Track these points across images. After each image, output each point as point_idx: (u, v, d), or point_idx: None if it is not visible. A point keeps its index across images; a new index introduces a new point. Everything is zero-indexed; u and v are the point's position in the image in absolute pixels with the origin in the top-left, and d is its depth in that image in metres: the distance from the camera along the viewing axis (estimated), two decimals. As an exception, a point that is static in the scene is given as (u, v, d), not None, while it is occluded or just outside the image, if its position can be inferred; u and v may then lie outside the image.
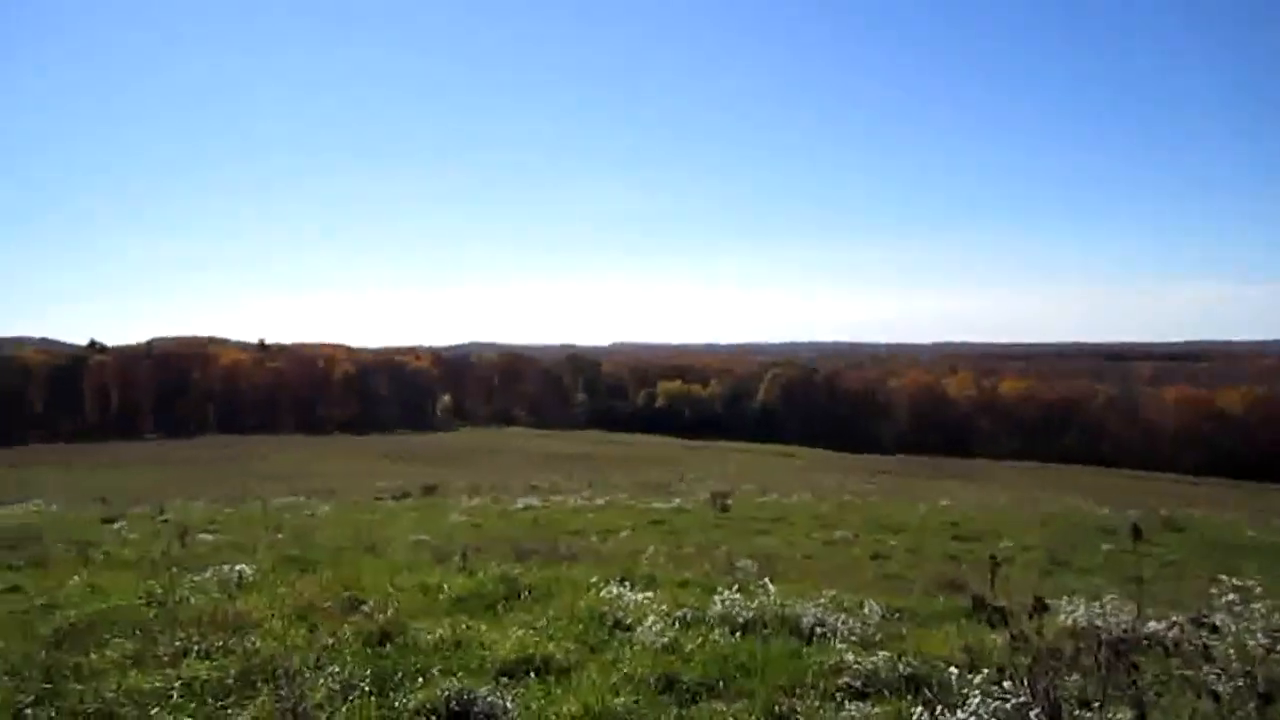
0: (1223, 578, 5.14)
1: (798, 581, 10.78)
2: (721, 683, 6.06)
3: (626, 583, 9.09)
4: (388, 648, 6.76)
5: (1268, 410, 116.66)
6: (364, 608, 7.84)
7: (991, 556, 7.39)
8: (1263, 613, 4.67)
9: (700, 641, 6.91)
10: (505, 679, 6.08)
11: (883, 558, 17.97)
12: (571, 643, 6.92)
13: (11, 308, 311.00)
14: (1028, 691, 4.37)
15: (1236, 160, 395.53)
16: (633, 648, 6.82)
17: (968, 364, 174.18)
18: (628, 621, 7.58)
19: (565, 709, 5.53)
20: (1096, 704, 4.45)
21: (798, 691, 5.87)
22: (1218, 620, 5.09)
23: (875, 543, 20.15)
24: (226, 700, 5.65)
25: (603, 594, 8.45)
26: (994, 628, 7.08)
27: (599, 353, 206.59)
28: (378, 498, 34.75)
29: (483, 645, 6.81)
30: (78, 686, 5.83)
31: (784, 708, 5.63)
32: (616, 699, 5.70)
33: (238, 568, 9.78)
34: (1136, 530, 9.36)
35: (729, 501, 28.60)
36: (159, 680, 5.90)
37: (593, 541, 18.01)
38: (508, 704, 5.59)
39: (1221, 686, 4.31)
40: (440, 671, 6.12)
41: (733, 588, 8.37)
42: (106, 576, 10.00)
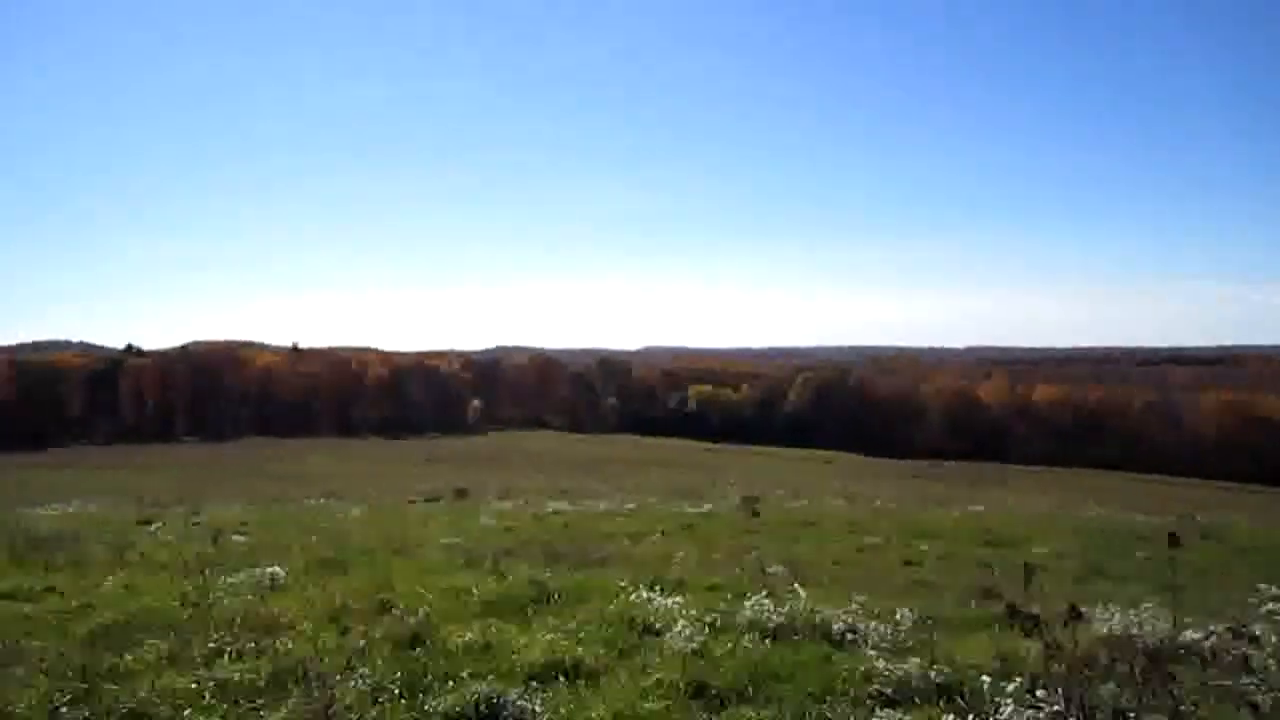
0: (1262, 586, 5.07)
1: (828, 587, 10.72)
2: (751, 689, 6.03)
3: (656, 587, 9.07)
4: (418, 651, 6.79)
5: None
6: (395, 611, 7.90)
7: (1025, 563, 7.32)
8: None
9: (730, 647, 6.90)
10: (535, 683, 6.09)
11: (914, 564, 17.78)
12: (601, 647, 6.93)
13: (51, 312, 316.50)
14: (1062, 701, 4.32)
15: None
16: (662, 653, 6.81)
17: (1001, 368, 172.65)
18: (657, 626, 7.57)
19: (594, 714, 5.55)
20: (1132, 714, 4.39)
21: (828, 698, 5.84)
22: (1257, 630, 5.02)
23: (907, 548, 19.93)
24: (258, 701, 5.70)
25: (632, 598, 8.44)
26: (1028, 635, 6.99)
27: (629, 356, 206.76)
28: (409, 501, 34.86)
29: (512, 649, 6.84)
30: (113, 686, 5.91)
31: (814, 714, 5.62)
32: (646, 704, 5.70)
33: (270, 570, 9.85)
34: (1173, 537, 9.22)
35: (759, 506, 28.47)
36: (192, 681, 5.97)
37: (623, 545, 17.95)
38: (537, 708, 5.61)
39: (1260, 697, 4.25)
40: (470, 675, 6.14)
41: (763, 593, 8.32)
42: (142, 578, 10.12)
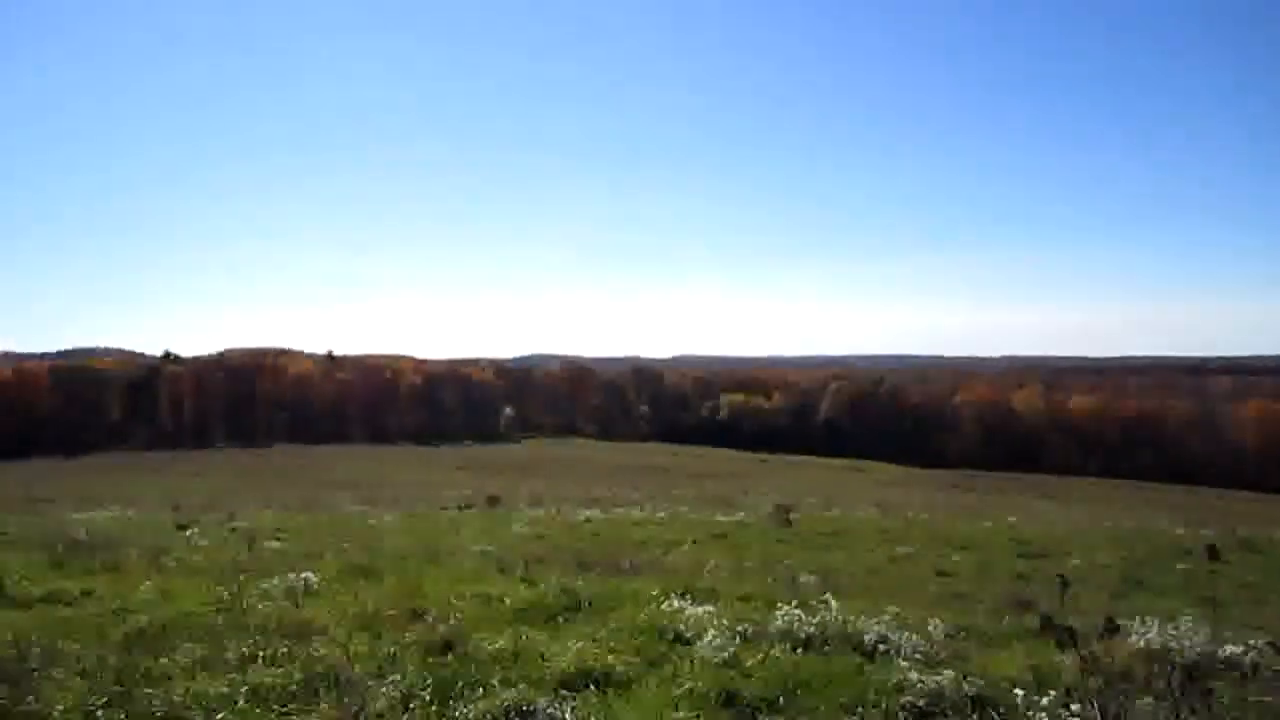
0: (1304, 601, 4.98)
1: (861, 597, 10.64)
2: (782, 699, 5.99)
3: (687, 596, 9.04)
4: (449, 657, 6.79)
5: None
6: (426, 617, 7.93)
7: (1060, 575, 7.25)
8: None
9: (761, 657, 6.85)
10: (564, 691, 6.08)
11: (948, 574, 17.66)
12: (631, 656, 6.90)
13: (91, 319, 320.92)
14: (1097, 715, 4.27)
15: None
16: (693, 662, 6.77)
17: (1035, 378, 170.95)
18: (688, 635, 7.54)
19: (624, 722, 5.52)
20: (1169, 729, 4.33)
21: (859, 709, 5.79)
22: (1298, 645, 4.93)
23: (940, 559, 19.82)
24: (290, 706, 5.73)
25: (663, 607, 8.42)
26: (1063, 648, 6.94)
27: (661, 364, 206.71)
28: (442, 508, 35.05)
29: (543, 657, 6.83)
30: (147, 690, 5.95)
31: (845, 726, 5.56)
32: (676, 713, 5.68)
33: (304, 575, 9.89)
34: (1212, 550, 9.10)
35: (792, 515, 28.38)
36: (225, 685, 6.01)
37: (654, 554, 17.96)
38: (566, 716, 5.60)
39: (1302, 713, 4.18)
40: (500, 682, 6.14)
41: (794, 603, 8.27)
42: (178, 582, 10.21)
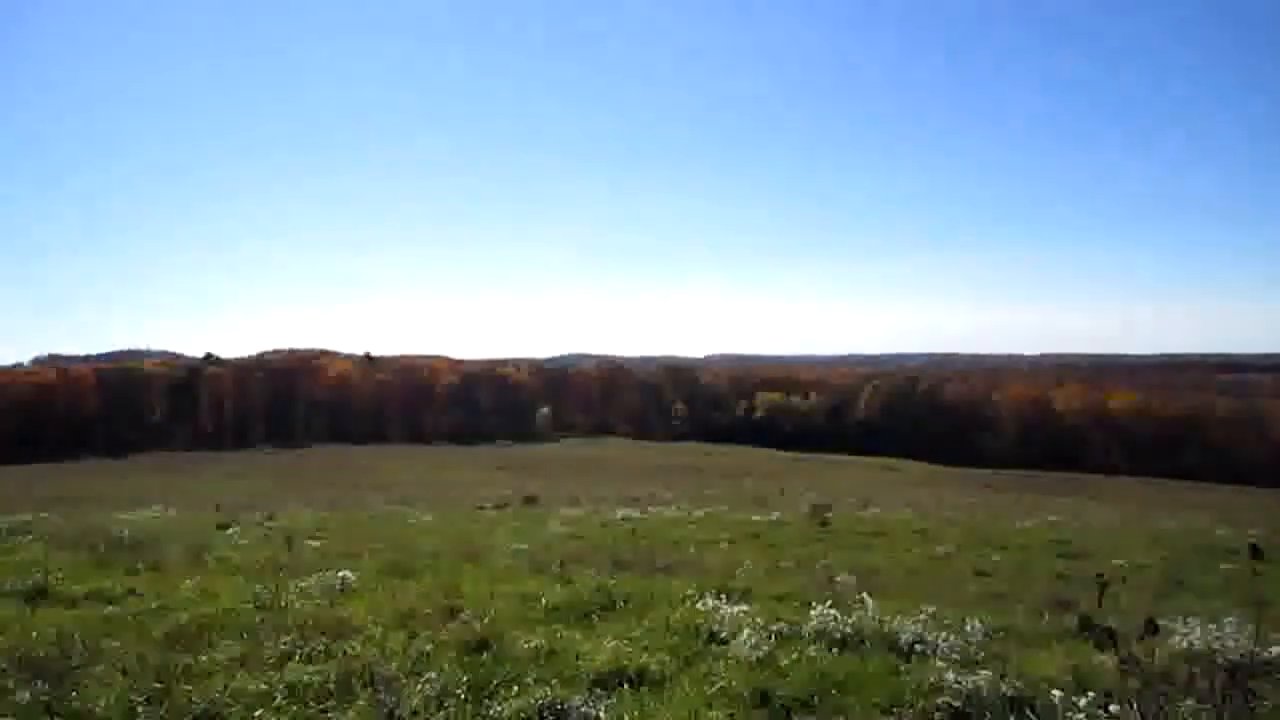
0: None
1: (897, 597, 10.56)
2: (817, 699, 5.97)
3: (722, 595, 9.01)
4: (484, 656, 6.82)
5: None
6: (462, 615, 7.96)
7: (1099, 575, 7.16)
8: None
9: (796, 657, 6.83)
10: (599, 689, 6.10)
11: (986, 574, 17.47)
12: (666, 655, 6.90)
13: (134, 321, 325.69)
14: (1136, 716, 4.21)
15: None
16: (727, 661, 6.77)
17: (1074, 376, 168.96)
18: (723, 635, 7.52)
19: (658, 721, 5.52)
20: (1211, 732, 4.26)
21: (895, 710, 5.76)
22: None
23: (979, 559, 19.61)
24: (327, 703, 5.78)
25: (698, 606, 8.41)
26: (1103, 649, 6.86)
27: (697, 364, 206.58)
28: (479, 507, 35.20)
29: (578, 655, 6.85)
30: (187, 687, 6.04)
31: (881, 726, 5.53)
32: (710, 712, 5.67)
33: (342, 574, 9.98)
34: (1255, 550, 8.95)
35: (829, 515, 28.25)
36: (264, 682, 6.08)
37: (690, 553, 17.90)
38: (601, 714, 5.62)
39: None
40: (535, 680, 6.17)
41: (829, 602, 8.23)
42: (218, 581, 10.33)
